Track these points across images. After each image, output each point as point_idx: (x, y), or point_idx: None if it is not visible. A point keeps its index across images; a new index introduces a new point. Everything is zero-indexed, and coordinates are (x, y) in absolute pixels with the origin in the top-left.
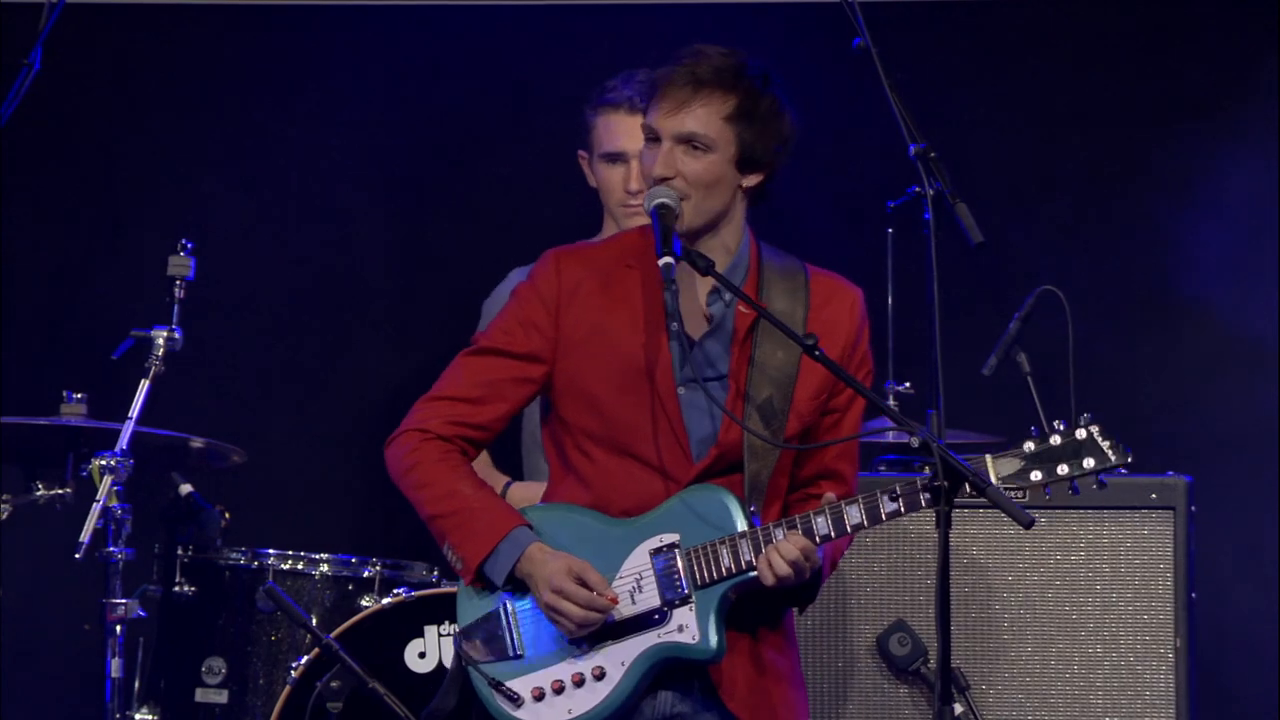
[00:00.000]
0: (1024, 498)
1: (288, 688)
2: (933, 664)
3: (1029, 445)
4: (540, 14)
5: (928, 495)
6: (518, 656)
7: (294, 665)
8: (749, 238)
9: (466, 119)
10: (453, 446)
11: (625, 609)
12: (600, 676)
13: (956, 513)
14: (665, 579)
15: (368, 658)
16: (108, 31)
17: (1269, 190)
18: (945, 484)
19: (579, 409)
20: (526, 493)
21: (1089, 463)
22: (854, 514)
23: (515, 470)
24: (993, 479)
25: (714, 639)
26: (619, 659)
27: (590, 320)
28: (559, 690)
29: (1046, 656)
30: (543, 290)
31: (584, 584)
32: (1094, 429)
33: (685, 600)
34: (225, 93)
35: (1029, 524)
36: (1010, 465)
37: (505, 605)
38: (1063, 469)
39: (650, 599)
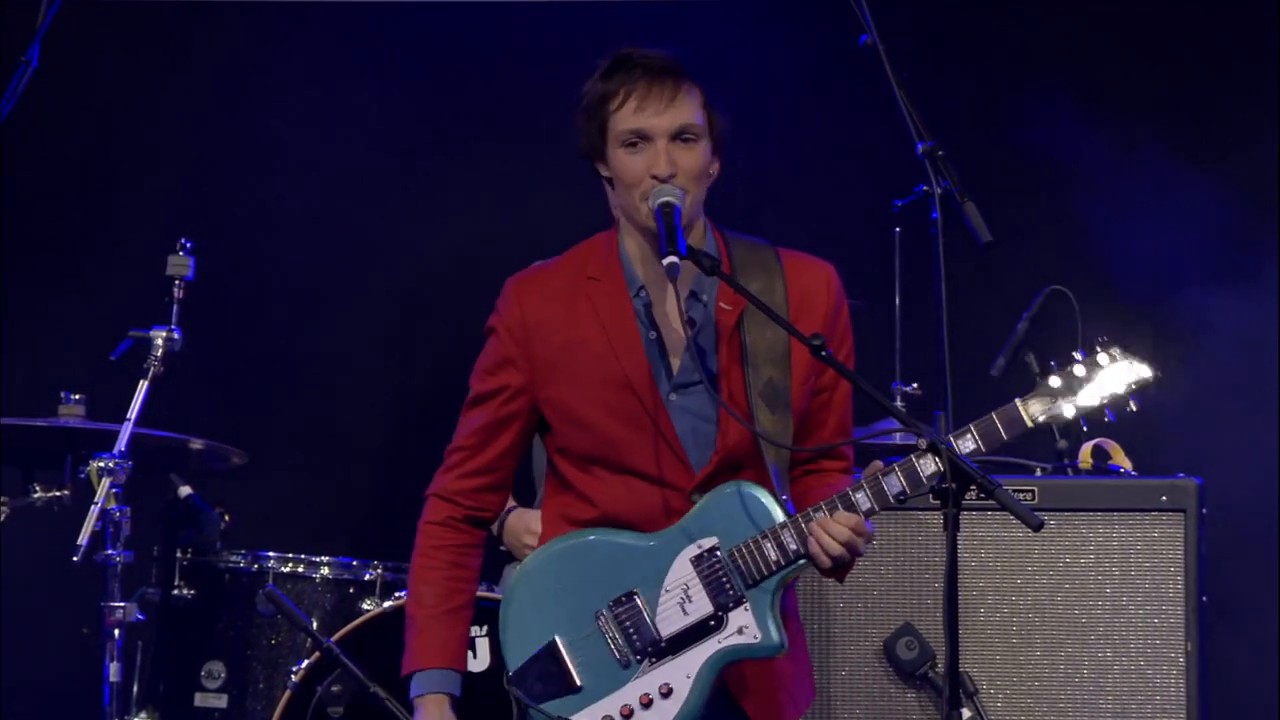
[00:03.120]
0: (1033, 499)
1: (288, 692)
2: (941, 668)
3: (1054, 380)
4: (546, 9)
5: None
6: (577, 690)
7: (294, 669)
8: (709, 225)
9: (470, 117)
10: (454, 519)
11: (679, 622)
12: (668, 694)
13: (965, 515)
14: (713, 584)
15: (369, 662)
16: (106, 29)
17: (1270, 192)
18: (953, 486)
19: (570, 432)
20: (521, 520)
21: (1121, 387)
22: (893, 484)
23: (527, 498)
24: (1027, 421)
25: (775, 634)
26: (684, 672)
27: (561, 343)
28: (628, 715)
29: (1056, 660)
30: (509, 322)
31: None
32: (1115, 350)
33: (739, 601)
34: (224, 91)
35: (1038, 526)
36: (1042, 405)
37: (556, 640)
38: (1097, 399)
39: (702, 607)
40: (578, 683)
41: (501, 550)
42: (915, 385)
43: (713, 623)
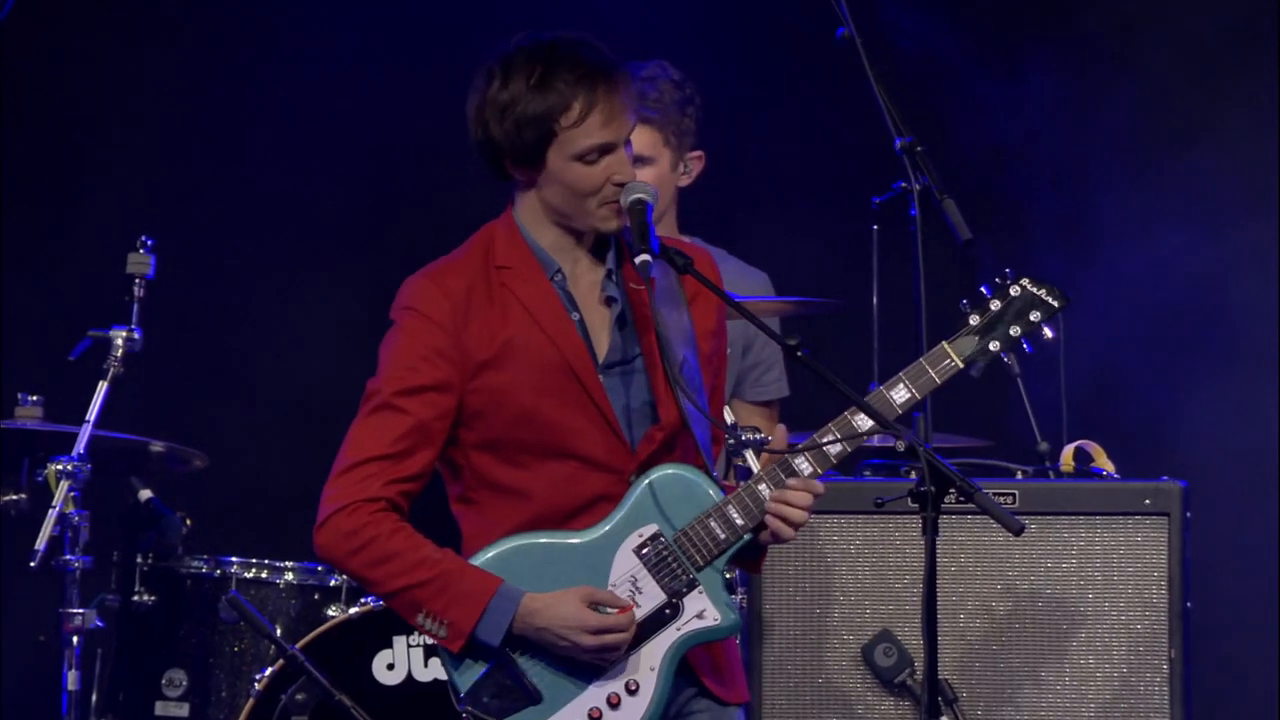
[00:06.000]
0: (1013, 503)
1: (251, 700)
2: (919, 675)
3: (974, 319)
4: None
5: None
6: (538, 701)
7: (258, 677)
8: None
9: (437, 112)
10: (402, 515)
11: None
12: (634, 690)
13: (944, 519)
14: (663, 572)
15: (334, 669)
16: (65, 23)
17: (1271, 191)
18: (932, 489)
19: (506, 422)
20: None
21: (1035, 315)
22: (834, 448)
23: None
24: (958, 363)
25: (733, 613)
26: (647, 665)
27: (491, 330)
28: (598, 718)
29: (1037, 667)
30: (435, 316)
31: (599, 606)
32: (1024, 281)
33: (693, 585)
34: (184, 87)
35: (1019, 530)
36: (968, 344)
37: (506, 654)
38: (1014, 330)
39: (654, 597)
40: (537, 694)
41: None
42: None
43: (668, 610)
